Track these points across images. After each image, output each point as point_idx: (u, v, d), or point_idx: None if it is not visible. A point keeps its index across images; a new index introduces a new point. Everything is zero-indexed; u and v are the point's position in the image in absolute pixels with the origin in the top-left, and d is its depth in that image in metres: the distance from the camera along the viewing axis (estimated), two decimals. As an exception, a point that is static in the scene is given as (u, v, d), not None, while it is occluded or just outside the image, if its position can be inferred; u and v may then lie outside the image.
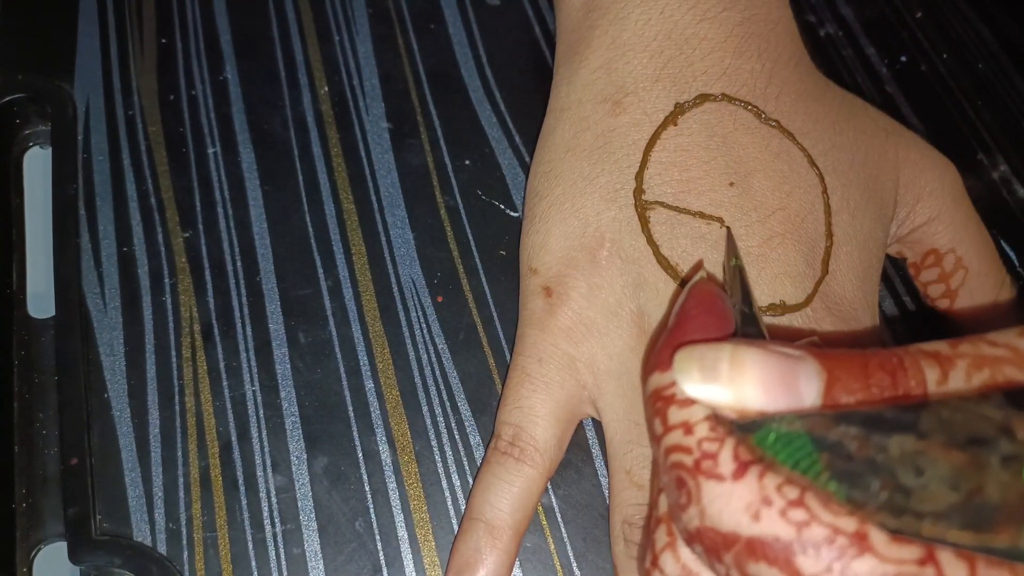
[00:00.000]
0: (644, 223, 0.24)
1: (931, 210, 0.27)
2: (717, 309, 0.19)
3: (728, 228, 0.24)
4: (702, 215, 0.24)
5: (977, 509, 0.14)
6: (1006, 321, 0.27)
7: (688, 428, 0.16)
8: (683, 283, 0.23)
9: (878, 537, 0.14)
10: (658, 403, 0.17)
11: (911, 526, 0.14)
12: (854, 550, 0.14)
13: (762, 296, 0.23)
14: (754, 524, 0.15)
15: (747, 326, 0.19)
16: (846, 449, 0.15)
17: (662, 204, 0.24)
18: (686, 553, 0.17)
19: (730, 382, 0.16)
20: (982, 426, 0.15)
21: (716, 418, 0.16)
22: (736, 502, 0.15)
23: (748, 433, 0.16)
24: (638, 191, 0.24)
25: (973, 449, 0.15)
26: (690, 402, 0.17)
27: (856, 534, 0.14)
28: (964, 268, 0.27)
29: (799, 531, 0.15)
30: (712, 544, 0.16)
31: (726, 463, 0.15)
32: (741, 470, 0.15)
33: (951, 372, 0.16)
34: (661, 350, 0.18)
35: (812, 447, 0.15)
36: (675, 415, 0.17)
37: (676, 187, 0.24)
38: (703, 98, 0.25)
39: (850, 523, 0.14)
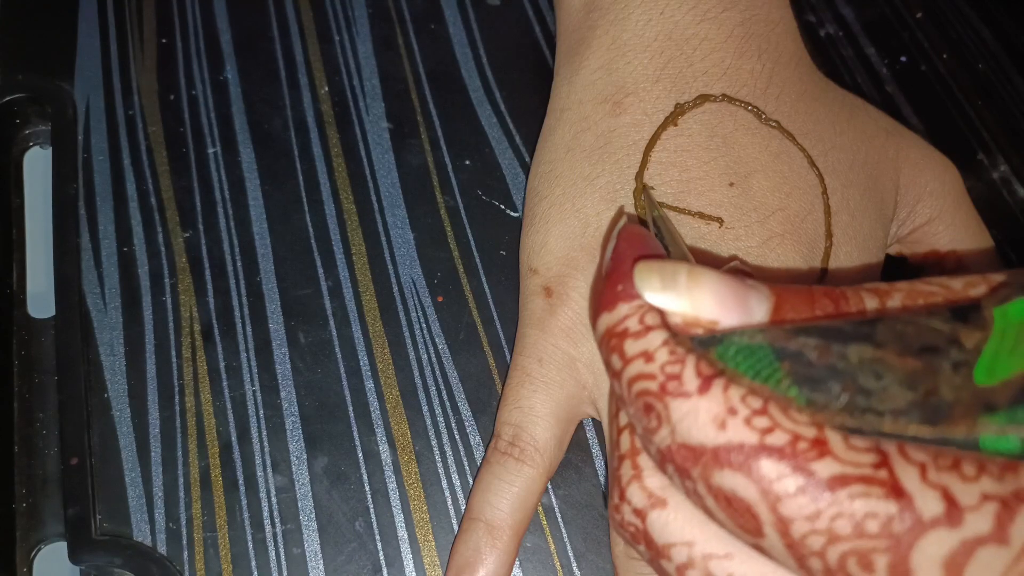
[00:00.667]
0: (644, 223, 0.24)
1: (932, 210, 0.27)
2: (649, 248, 0.19)
3: (645, 185, 0.24)
4: (702, 215, 0.24)
5: (934, 406, 0.15)
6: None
7: (648, 356, 0.17)
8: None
9: (837, 443, 0.15)
10: (612, 340, 0.18)
11: (872, 424, 0.15)
12: (813, 453, 0.15)
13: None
14: (720, 433, 0.15)
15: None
16: (806, 357, 0.16)
17: (662, 204, 0.24)
18: (652, 482, 0.18)
19: (687, 291, 0.17)
20: (933, 337, 0.16)
21: (674, 340, 0.17)
22: (703, 415, 0.16)
23: (708, 348, 0.16)
24: (638, 191, 0.24)
25: (926, 356, 0.15)
26: (644, 332, 0.17)
27: (815, 440, 0.15)
28: (965, 268, 0.27)
29: (762, 437, 0.15)
30: (683, 461, 0.16)
31: (690, 380, 0.16)
32: (706, 384, 0.16)
33: (888, 302, 0.17)
34: (604, 292, 0.18)
35: (773, 356, 0.16)
36: (632, 347, 0.17)
37: (676, 187, 0.24)
38: (703, 98, 0.25)
39: (810, 430, 0.15)
